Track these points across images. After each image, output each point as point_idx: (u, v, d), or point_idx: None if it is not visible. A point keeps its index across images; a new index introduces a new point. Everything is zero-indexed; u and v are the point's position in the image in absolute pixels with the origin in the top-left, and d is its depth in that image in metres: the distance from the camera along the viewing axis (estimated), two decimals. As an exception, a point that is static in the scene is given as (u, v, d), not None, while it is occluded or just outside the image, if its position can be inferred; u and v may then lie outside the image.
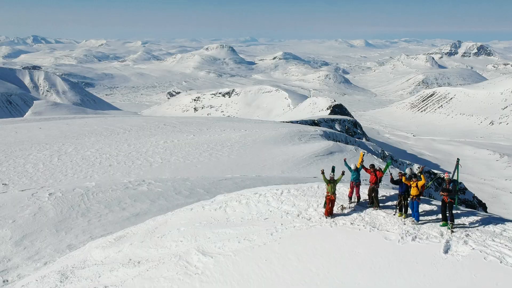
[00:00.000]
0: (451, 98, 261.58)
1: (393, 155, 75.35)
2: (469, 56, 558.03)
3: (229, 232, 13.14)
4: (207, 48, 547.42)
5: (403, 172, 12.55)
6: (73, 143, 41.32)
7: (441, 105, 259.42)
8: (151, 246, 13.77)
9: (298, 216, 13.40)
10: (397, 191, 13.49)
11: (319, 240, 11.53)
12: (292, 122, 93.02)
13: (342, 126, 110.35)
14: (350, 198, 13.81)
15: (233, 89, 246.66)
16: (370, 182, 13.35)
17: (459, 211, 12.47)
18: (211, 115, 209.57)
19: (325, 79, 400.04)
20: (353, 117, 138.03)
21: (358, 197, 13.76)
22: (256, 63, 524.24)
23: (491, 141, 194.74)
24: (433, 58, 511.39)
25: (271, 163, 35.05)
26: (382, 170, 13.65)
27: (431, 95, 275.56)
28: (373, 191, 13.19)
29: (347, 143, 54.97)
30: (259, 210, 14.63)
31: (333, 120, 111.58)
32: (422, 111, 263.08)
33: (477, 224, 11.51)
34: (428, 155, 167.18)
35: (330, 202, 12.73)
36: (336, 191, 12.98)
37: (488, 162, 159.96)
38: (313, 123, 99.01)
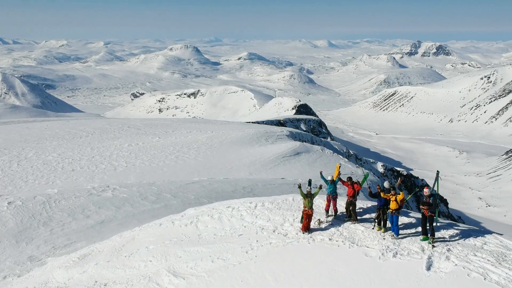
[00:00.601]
0: (412, 97, 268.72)
1: (358, 154, 76.57)
2: (429, 56, 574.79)
3: (201, 250, 12.47)
4: (171, 49, 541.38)
5: (381, 185, 12.18)
6: (34, 147, 39.87)
7: (403, 104, 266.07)
8: (118, 267, 12.96)
9: (274, 231, 12.81)
10: (374, 203, 13.18)
11: (297, 257, 11.07)
12: (258, 122, 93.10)
13: (308, 126, 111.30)
14: (327, 211, 13.37)
15: (198, 90, 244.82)
16: (347, 195, 12.97)
17: (438, 224, 12.28)
18: (176, 117, 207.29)
19: (290, 79, 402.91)
20: (318, 117, 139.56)
21: (335, 211, 13.36)
22: (221, 64, 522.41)
23: (451, 138, 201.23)
24: (394, 58, 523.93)
25: (238, 165, 34.85)
26: (360, 182, 13.21)
27: (393, 94, 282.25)
28: (351, 204, 12.83)
29: (313, 143, 55.37)
30: (233, 225, 13.94)
31: (298, 120, 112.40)
32: (384, 110, 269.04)
33: (457, 237, 11.36)
34: (391, 153, 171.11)
35: (307, 217, 12.26)
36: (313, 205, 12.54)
37: (448, 158, 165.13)
38: (279, 123, 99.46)
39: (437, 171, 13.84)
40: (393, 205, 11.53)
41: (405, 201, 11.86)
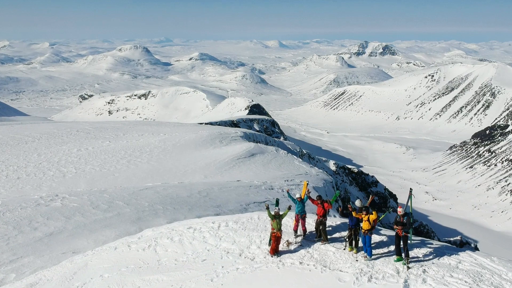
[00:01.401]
0: (361, 96, 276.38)
1: (310, 153, 77.64)
2: (376, 56, 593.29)
3: (162, 279, 11.38)
4: (120, 49, 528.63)
5: (353, 204, 11.79)
6: (-26, 155, 37.69)
7: (352, 103, 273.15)
8: (69, 300, 11.68)
9: (240, 255, 11.94)
10: (343, 220, 12.66)
11: (266, 284, 10.37)
12: (211, 123, 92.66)
13: (261, 126, 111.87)
14: (296, 231, 12.74)
15: (149, 91, 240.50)
16: (317, 214, 12.38)
17: (411, 241, 11.92)
18: (127, 119, 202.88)
19: (242, 79, 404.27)
20: (270, 117, 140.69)
21: (304, 231, 12.72)
22: (172, 64, 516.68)
23: (398, 135, 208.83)
24: (342, 58, 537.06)
25: (193, 168, 34.42)
26: (330, 201, 12.62)
27: (342, 94, 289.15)
28: (321, 224, 12.20)
29: (267, 144, 55.62)
30: (195, 249, 12.85)
31: (251, 120, 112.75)
32: (334, 109, 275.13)
33: (431, 256, 11.06)
34: (342, 151, 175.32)
35: (276, 239, 11.59)
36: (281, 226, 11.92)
37: (395, 155, 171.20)
38: (232, 123, 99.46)
39: (410, 188, 13.47)
40: (365, 225, 11.11)
41: (378, 220, 11.44)
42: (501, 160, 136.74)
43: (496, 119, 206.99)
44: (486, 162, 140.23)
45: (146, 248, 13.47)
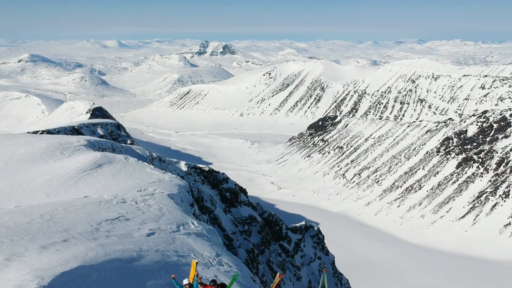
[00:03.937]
0: (205, 95, 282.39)
1: (161, 155, 76.68)
2: (217, 55, 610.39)
3: None
4: None
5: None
6: None
7: (197, 102, 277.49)
8: None
9: None
10: None
11: None
12: (49, 131, 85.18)
13: (105, 130, 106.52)
14: None
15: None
16: None
17: None
18: None
19: (81, 81, 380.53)
20: (115, 119, 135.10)
21: None
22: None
23: (243, 131, 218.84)
24: (185, 57, 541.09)
25: (32, 186, 31.30)
26: (227, 286, 10.72)
27: (187, 93, 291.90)
28: None
29: (114, 151, 53.25)
30: None
31: (94, 125, 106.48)
32: (181, 108, 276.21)
33: None
34: (191, 149, 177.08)
35: None
36: None
37: (242, 149, 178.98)
38: (73, 129, 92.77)
39: (324, 265, 12.25)
40: None
41: None
42: (333, 147, 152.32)
43: (326, 111, 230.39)
44: (321, 151, 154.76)
45: None
